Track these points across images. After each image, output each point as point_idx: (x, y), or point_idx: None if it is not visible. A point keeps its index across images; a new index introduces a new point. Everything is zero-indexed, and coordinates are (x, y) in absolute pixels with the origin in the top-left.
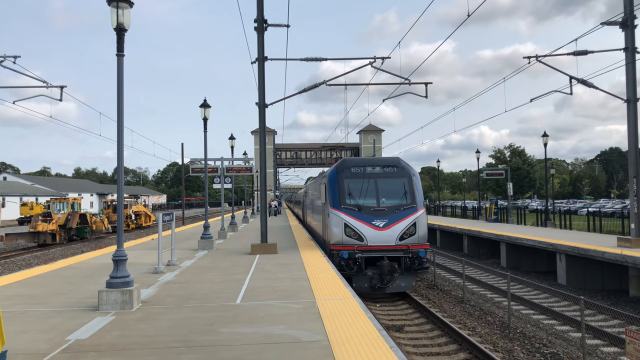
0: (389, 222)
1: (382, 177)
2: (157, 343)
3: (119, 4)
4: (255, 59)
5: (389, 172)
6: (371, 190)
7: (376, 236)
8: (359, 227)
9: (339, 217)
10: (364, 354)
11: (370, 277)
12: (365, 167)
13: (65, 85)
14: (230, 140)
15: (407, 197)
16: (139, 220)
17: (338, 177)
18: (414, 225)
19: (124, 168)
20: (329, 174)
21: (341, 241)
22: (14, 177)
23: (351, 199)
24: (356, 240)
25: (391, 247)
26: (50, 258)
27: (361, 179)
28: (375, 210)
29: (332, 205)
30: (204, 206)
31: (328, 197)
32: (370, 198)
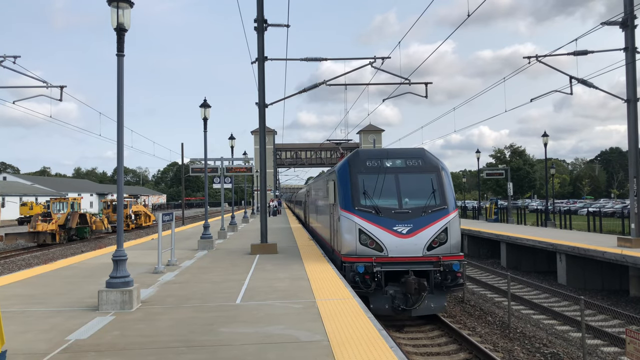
0: (414, 227)
1: (405, 172)
2: (156, 343)
3: (119, 4)
4: (255, 59)
5: (413, 165)
6: (391, 188)
7: (399, 245)
8: (377, 234)
9: (352, 222)
10: (364, 353)
11: (392, 296)
12: (384, 160)
13: (65, 85)
14: (230, 140)
15: (435, 197)
16: (139, 220)
17: (351, 172)
18: (445, 231)
19: (124, 168)
20: (339, 169)
21: (355, 251)
22: (14, 177)
23: (367, 199)
24: (374, 251)
25: (417, 259)
26: (50, 258)
27: (379, 175)
28: (397, 213)
29: (344, 207)
30: (204, 206)
31: (338, 197)
32: (390, 198)
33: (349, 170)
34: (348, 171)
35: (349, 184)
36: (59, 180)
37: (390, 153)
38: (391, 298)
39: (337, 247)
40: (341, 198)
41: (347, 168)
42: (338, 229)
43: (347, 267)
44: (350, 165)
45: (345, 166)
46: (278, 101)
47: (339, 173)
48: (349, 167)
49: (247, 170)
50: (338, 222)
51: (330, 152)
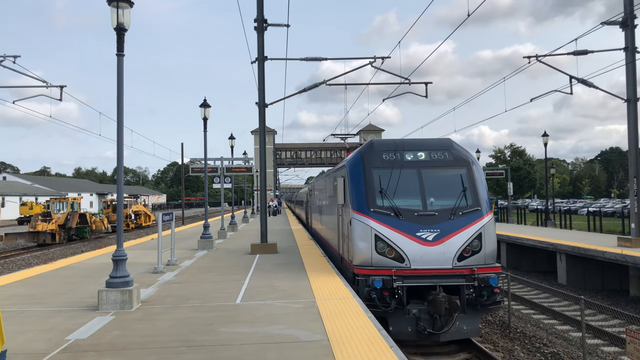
0: (442, 233)
1: (429, 166)
2: (156, 343)
3: (119, 3)
4: (255, 58)
5: (439, 159)
6: (413, 185)
7: (424, 255)
8: (397, 241)
9: (366, 226)
10: (364, 353)
11: (417, 317)
12: (403, 153)
13: (65, 85)
14: (230, 140)
15: (466, 196)
16: (139, 220)
17: (364, 166)
18: (479, 237)
19: (124, 168)
20: (350, 163)
21: (370, 262)
22: (14, 177)
23: (384, 199)
24: (393, 261)
25: (446, 272)
26: (49, 258)
27: (398, 170)
28: (420, 215)
29: (357, 208)
30: (204, 206)
31: (349, 197)
32: (412, 197)
33: (362, 165)
34: (361, 166)
35: (363, 180)
36: (59, 180)
37: (410, 144)
38: (415, 319)
39: (348, 255)
40: (353, 197)
41: (360, 162)
42: (349, 234)
43: (360, 282)
44: (363, 158)
45: (358, 160)
46: (278, 101)
47: (350, 168)
48: (362, 160)
49: (247, 170)
50: (349, 226)
51: (330, 152)
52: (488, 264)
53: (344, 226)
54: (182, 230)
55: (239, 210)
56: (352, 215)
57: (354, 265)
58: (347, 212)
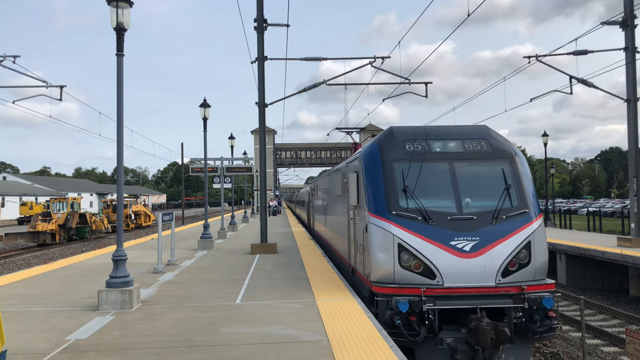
0: (482, 241)
1: (463, 158)
2: (156, 343)
3: (118, 3)
4: (255, 58)
5: (475, 150)
6: (445, 182)
7: (460, 269)
8: (426, 252)
9: (387, 233)
10: (364, 353)
11: (452, 348)
12: (431, 142)
13: (65, 85)
14: (230, 140)
15: (511, 196)
16: (139, 220)
17: (383, 159)
18: (528, 247)
19: (124, 168)
20: (365, 155)
21: (392, 278)
22: (14, 177)
23: (409, 200)
24: (421, 277)
25: (489, 290)
26: (49, 258)
27: (426, 163)
28: (454, 219)
29: (375, 211)
30: (204, 206)
31: (365, 196)
32: (443, 197)
33: (380, 157)
34: (379, 158)
35: (382, 176)
36: (59, 180)
37: (439, 131)
38: (450, 351)
39: (363, 268)
40: (370, 197)
41: (378, 153)
42: (365, 242)
43: (380, 303)
44: (381, 149)
45: (375, 151)
46: (278, 101)
47: (365, 161)
48: (381, 151)
49: (247, 170)
50: (365, 232)
51: (331, 151)
52: (538, 280)
53: (358, 232)
54: (182, 230)
55: (239, 210)
56: (369, 220)
57: (372, 281)
58: (362, 215)
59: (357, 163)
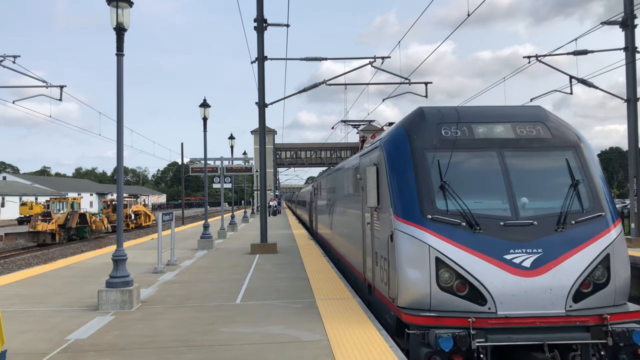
0: (546, 255)
1: (516, 147)
2: (156, 343)
3: (118, 3)
4: (255, 58)
5: (530, 136)
6: (493, 177)
7: (519, 291)
8: (473, 269)
9: (421, 244)
10: (364, 353)
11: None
12: (473, 126)
13: (65, 85)
14: (230, 139)
15: (580, 195)
16: (139, 220)
17: (414, 147)
18: (606, 261)
19: (124, 168)
20: (389, 142)
21: (428, 302)
22: (14, 177)
23: (450, 200)
24: (467, 302)
25: (558, 321)
26: (49, 258)
27: (468, 152)
28: (509, 226)
29: (404, 215)
30: (204, 206)
31: (389, 196)
32: (492, 196)
33: (409, 145)
34: (408, 146)
35: (412, 169)
36: (59, 180)
37: (482, 113)
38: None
39: (387, 288)
40: (396, 197)
41: (406, 140)
42: (391, 255)
43: (414, 338)
44: (410, 134)
45: (402, 137)
46: (278, 101)
47: (389, 150)
48: (410, 138)
49: (247, 170)
50: (390, 242)
51: (330, 151)
52: (619, 304)
53: (378, 241)
54: (182, 230)
55: (239, 210)
56: (396, 226)
57: (400, 307)
58: (386, 220)
59: (378, 153)
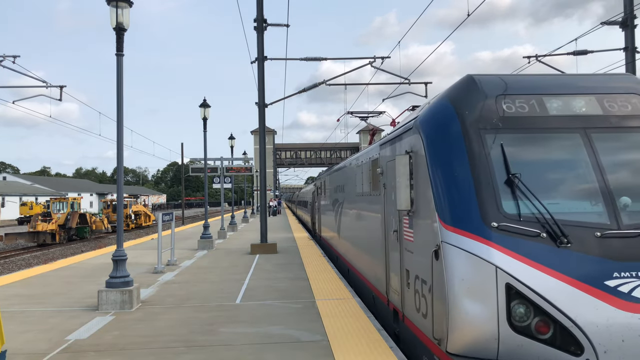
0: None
1: (606, 126)
2: (156, 343)
3: (118, 3)
4: (255, 58)
5: (624, 112)
6: (580, 168)
7: (630, 334)
8: (561, 300)
9: (484, 264)
10: (364, 353)
11: None
12: (547, 100)
13: (65, 85)
14: (230, 140)
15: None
16: (139, 220)
17: (466, 126)
18: None
19: (124, 168)
20: (429, 121)
21: (494, 348)
22: (14, 177)
23: (522, 201)
24: (553, 349)
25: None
26: (49, 258)
27: (543, 134)
28: (609, 237)
29: (454, 221)
30: (204, 206)
31: (433, 194)
32: (581, 196)
33: (459, 125)
34: (458, 126)
35: (465, 157)
36: (59, 180)
37: (556, 83)
38: None
39: (427, 323)
40: (443, 196)
41: (455, 118)
42: (436, 277)
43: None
44: (460, 110)
45: (449, 114)
46: (278, 101)
47: (429, 131)
48: (459, 115)
49: (246, 170)
50: (434, 260)
51: (330, 152)
52: None
53: (412, 257)
54: (182, 230)
55: (239, 211)
56: (445, 237)
57: (452, 353)
58: (425, 228)
59: (412, 138)
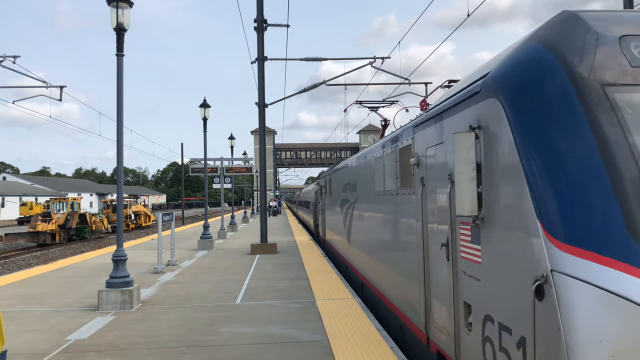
0: None
1: None
2: (156, 343)
3: (118, 3)
4: (255, 58)
5: None
6: None
7: None
8: None
9: (635, 308)
10: (364, 353)
11: None
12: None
13: (65, 85)
14: (230, 140)
15: None
16: (139, 220)
17: (581, 84)
18: None
19: (124, 168)
20: (511, 78)
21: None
22: (14, 177)
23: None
24: None
25: None
26: (49, 258)
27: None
28: None
29: (573, 238)
30: (204, 206)
31: (528, 192)
32: None
33: (570, 81)
34: (568, 83)
35: (588, 132)
36: (59, 180)
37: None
38: None
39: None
40: (554, 195)
41: (561, 69)
42: (540, 329)
43: None
44: (567, 59)
45: (551, 64)
46: (278, 101)
47: (515, 94)
48: (566, 66)
49: (246, 170)
50: (534, 299)
51: (330, 152)
52: None
53: (480, 287)
54: (182, 231)
55: (239, 211)
56: (557, 262)
57: None
58: (516, 243)
59: (481, 105)
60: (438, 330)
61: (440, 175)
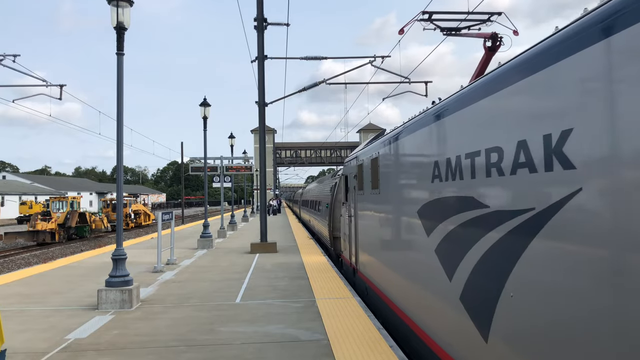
0: None
1: None
2: (156, 342)
3: (118, 2)
4: (255, 57)
5: None
6: None
7: None
8: None
9: None
10: (364, 353)
11: None
12: None
13: (65, 84)
14: (230, 139)
15: None
16: (139, 219)
17: None
18: None
19: (123, 167)
20: None
21: None
22: (13, 176)
23: None
24: None
25: None
26: (49, 257)
27: None
28: None
29: None
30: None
31: None
32: None
33: None
34: None
35: None
36: (59, 179)
37: None
38: None
39: None
40: None
41: None
42: None
43: None
44: None
45: None
46: (278, 100)
47: None
48: None
49: (246, 169)
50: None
51: (330, 151)
52: None
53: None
54: (182, 230)
55: (239, 210)
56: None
57: None
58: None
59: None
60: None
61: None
